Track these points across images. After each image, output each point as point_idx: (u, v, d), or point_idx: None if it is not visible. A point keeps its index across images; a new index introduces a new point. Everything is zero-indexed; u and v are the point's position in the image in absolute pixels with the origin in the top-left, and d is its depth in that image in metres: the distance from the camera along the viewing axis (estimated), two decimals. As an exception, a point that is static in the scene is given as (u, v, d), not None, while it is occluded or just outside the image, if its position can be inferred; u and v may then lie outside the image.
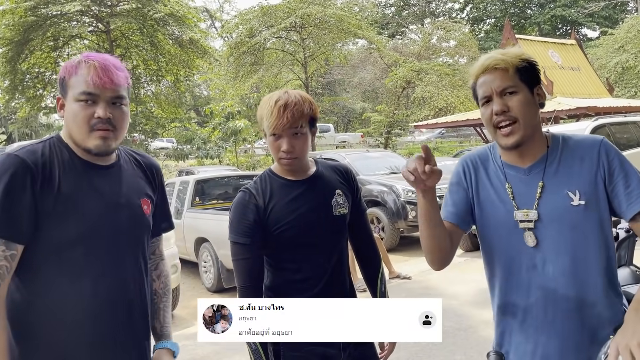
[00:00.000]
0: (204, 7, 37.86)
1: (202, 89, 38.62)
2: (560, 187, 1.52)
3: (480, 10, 40.02)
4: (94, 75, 1.49)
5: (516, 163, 1.59)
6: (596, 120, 8.35)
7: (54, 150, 1.53)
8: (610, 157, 1.52)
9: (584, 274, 1.51)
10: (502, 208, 1.58)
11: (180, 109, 22.88)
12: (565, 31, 36.24)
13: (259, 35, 20.77)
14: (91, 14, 18.67)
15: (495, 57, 1.52)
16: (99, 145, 1.52)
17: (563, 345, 1.52)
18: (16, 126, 29.01)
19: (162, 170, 1.86)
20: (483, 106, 1.56)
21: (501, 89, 1.51)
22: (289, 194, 1.85)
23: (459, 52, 25.83)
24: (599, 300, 1.51)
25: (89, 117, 1.49)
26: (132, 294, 1.62)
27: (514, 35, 15.93)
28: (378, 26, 33.41)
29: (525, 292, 1.56)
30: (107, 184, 1.59)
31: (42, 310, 1.49)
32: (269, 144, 1.82)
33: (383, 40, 24.88)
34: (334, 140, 29.48)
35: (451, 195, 1.70)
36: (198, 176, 9.14)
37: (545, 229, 1.52)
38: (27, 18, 17.28)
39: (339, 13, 20.81)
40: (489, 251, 1.66)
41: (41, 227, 1.46)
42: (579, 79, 16.62)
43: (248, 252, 1.80)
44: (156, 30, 18.99)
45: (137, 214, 1.65)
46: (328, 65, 26.11)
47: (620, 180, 1.50)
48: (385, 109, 23.71)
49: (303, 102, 1.77)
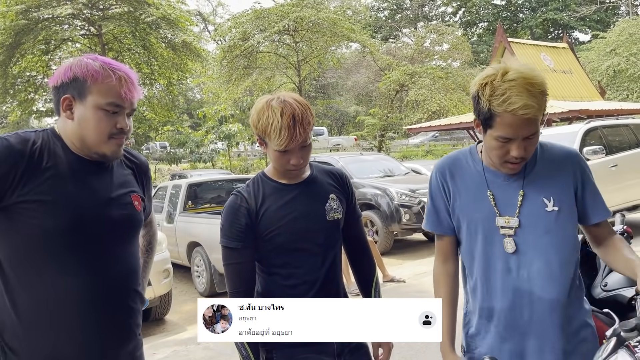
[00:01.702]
0: (197, 11, 37.82)
1: (195, 92, 38.55)
2: (537, 193, 1.59)
3: (473, 14, 40.23)
4: (125, 89, 1.55)
5: (496, 168, 1.63)
6: (588, 123, 8.37)
7: (48, 141, 1.55)
8: (583, 169, 1.63)
9: (557, 276, 1.58)
10: (483, 213, 1.63)
11: (173, 113, 22.80)
12: (557, 35, 36.48)
13: (252, 38, 20.76)
14: (83, 18, 18.58)
15: (530, 105, 1.44)
16: (115, 151, 1.59)
17: (539, 345, 1.59)
18: (7, 130, 28.88)
19: (149, 166, 1.89)
20: (497, 140, 1.52)
21: (525, 136, 1.49)
22: (282, 198, 1.81)
23: (452, 55, 25.94)
24: (570, 301, 1.60)
25: (111, 126, 1.55)
26: (122, 289, 1.62)
27: (506, 38, 15.99)
28: (371, 30, 33.49)
29: (501, 295, 1.62)
30: (98, 179, 1.60)
31: (24, 304, 1.48)
32: (275, 156, 1.75)
33: (376, 43, 24.94)
34: (328, 144, 29.48)
35: (432, 205, 1.76)
36: (190, 180, 9.09)
37: (523, 234, 1.59)
38: (19, 21, 17.20)
39: (332, 16, 20.85)
40: (468, 256, 1.71)
41: (20, 216, 1.46)
42: (571, 82, 16.70)
43: (240, 256, 1.77)
44: (149, 33, 18.94)
45: (129, 209, 1.65)
46: (321, 69, 26.12)
47: (590, 192, 1.63)
48: (379, 112, 23.74)
49: (306, 112, 1.71)
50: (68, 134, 1.57)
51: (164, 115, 21.78)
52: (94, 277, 1.53)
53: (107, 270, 1.57)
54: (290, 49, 22.43)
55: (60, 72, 1.57)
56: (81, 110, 1.54)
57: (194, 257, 7.11)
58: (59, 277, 1.49)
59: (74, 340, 1.51)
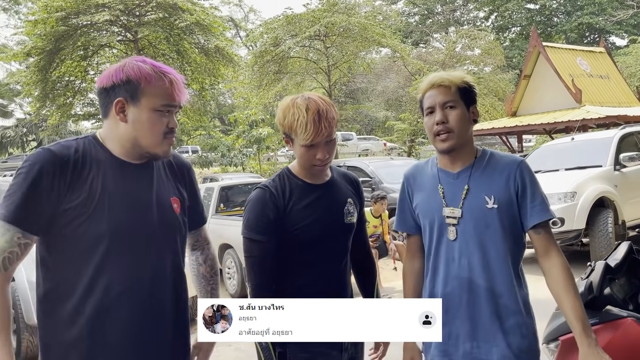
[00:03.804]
0: (229, 17, 38.35)
1: (227, 97, 39.02)
2: (480, 191, 1.78)
3: (506, 18, 39.62)
4: (177, 90, 1.60)
5: (448, 168, 1.86)
6: (623, 128, 8.17)
7: (89, 148, 1.58)
8: (523, 175, 1.77)
9: (493, 266, 1.76)
10: (434, 206, 1.85)
11: (205, 117, 23.14)
12: (593, 39, 35.67)
13: (283, 44, 20.93)
14: (120, 24, 19.06)
15: (441, 76, 1.81)
16: (167, 151, 1.64)
17: (472, 328, 1.78)
18: (46, 133, 29.70)
19: (193, 168, 1.91)
20: (427, 116, 1.83)
21: (443, 103, 1.79)
22: (307, 197, 1.84)
23: (483, 60, 25.60)
24: (505, 292, 1.76)
25: (164, 126, 1.60)
26: (161, 293, 1.62)
27: (540, 43, 15.71)
28: (402, 35, 33.36)
29: (443, 281, 1.82)
30: (139, 182, 1.63)
31: (66, 305, 1.51)
32: (301, 152, 1.80)
33: (407, 48, 24.83)
34: (357, 149, 29.45)
35: (400, 207, 2.00)
36: (222, 183, 9.23)
37: (465, 225, 1.79)
38: (58, 28, 17.71)
39: (363, 22, 20.85)
40: (426, 250, 1.91)
41: (68, 222, 1.49)
42: (608, 87, 16.29)
43: (265, 249, 1.78)
44: (182, 39, 19.29)
45: (168, 212, 1.67)
46: (351, 74, 26.13)
47: (528, 196, 1.76)
48: (409, 117, 23.62)
49: (330, 108, 1.78)
50: (119, 136, 1.59)
51: (197, 119, 22.14)
52: (131, 279, 1.55)
53: (147, 273, 1.58)
54: (320, 54, 22.52)
55: (110, 74, 1.57)
56: (135, 113, 1.56)
57: (226, 258, 7.21)
58: (93, 278, 1.51)
59: (106, 343, 1.52)
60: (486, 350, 1.76)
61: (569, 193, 6.88)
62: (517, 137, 17.50)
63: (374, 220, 7.55)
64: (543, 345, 2.10)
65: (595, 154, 7.69)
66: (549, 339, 2.15)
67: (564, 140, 8.99)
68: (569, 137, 8.96)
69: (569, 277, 1.70)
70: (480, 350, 1.77)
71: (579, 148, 8.20)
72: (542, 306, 1.94)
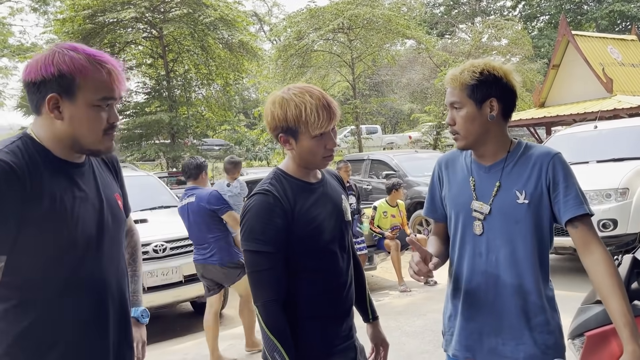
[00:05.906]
0: (252, 11, 38.44)
1: (251, 92, 39.19)
2: (511, 186, 1.75)
3: (534, 7, 38.77)
4: (117, 81, 1.46)
5: (480, 161, 1.83)
6: None
7: (32, 151, 1.43)
8: (556, 169, 1.71)
9: (522, 263, 1.72)
10: (463, 197, 1.82)
11: (230, 112, 23.24)
12: (625, 27, 34.63)
13: (307, 37, 20.87)
14: (145, 21, 19.25)
15: (451, 75, 1.77)
16: (110, 147, 1.53)
17: (498, 324, 1.75)
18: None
19: (119, 160, 1.81)
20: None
21: (450, 103, 1.78)
22: (309, 197, 1.72)
23: (511, 50, 25.09)
24: (533, 289, 1.72)
25: (104, 122, 1.48)
26: (123, 291, 1.61)
27: (570, 31, 15.31)
28: (427, 26, 32.94)
29: (469, 277, 1.79)
30: (87, 183, 1.54)
31: (40, 321, 1.41)
32: (310, 146, 1.67)
33: (432, 40, 24.51)
34: (382, 142, 29.27)
35: (430, 193, 2.01)
36: (248, 177, 9.26)
37: (492, 221, 1.75)
38: (86, 26, 18.00)
39: (387, 13, 20.64)
40: (451, 243, 1.90)
41: (31, 232, 1.37)
42: (641, 76, 15.82)
43: (275, 260, 1.62)
44: (207, 34, 19.39)
45: (116, 210, 1.61)
46: (376, 66, 25.93)
47: (561, 190, 1.70)
48: (435, 110, 23.34)
49: (322, 91, 1.71)
50: (56, 135, 1.46)
51: (221, 114, 22.29)
52: (100, 283, 1.51)
53: (109, 275, 1.54)
54: (344, 47, 22.39)
55: (38, 66, 1.40)
56: (72, 109, 1.43)
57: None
58: (64, 288, 1.45)
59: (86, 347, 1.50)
60: (512, 348, 1.73)
61: (619, 190, 6.04)
62: (545, 128, 17.13)
63: (391, 209, 7.46)
64: (568, 341, 2.05)
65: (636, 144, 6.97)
66: (575, 334, 2.10)
67: (584, 128, 8.21)
68: (590, 124, 8.21)
69: (613, 275, 1.58)
70: (506, 348, 1.74)
71: (608, 137, 7.56)
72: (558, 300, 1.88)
